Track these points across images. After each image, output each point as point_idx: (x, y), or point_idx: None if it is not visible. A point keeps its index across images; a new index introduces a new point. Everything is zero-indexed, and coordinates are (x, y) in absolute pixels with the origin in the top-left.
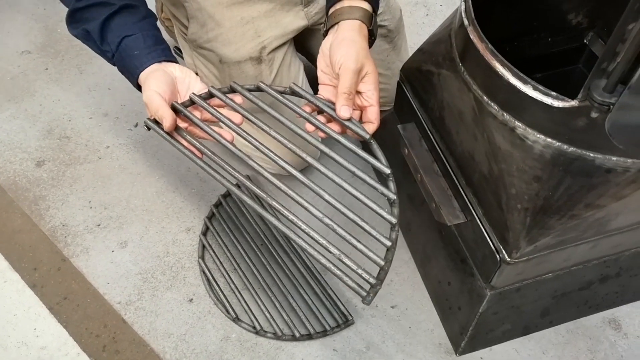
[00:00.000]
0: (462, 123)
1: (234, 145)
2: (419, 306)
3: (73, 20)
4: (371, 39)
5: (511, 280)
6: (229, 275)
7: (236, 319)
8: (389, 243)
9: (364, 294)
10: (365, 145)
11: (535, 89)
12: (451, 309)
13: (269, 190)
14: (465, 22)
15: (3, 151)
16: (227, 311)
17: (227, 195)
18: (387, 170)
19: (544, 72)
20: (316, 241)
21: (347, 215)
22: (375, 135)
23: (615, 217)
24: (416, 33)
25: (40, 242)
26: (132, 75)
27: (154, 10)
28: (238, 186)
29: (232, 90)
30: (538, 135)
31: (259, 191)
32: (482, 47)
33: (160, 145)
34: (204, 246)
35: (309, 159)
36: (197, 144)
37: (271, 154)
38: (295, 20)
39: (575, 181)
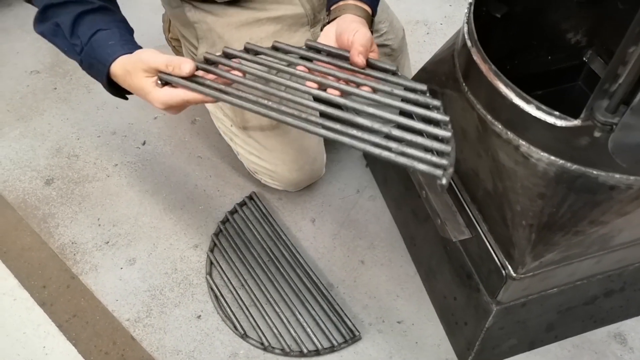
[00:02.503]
0: (466, 141)
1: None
2: (425, 321)
3: (44, 17)
4: None
5: (517, 295)
6: (236, 292)
7: (244, 336)
8: (449, 134)
9: (440, 173)
10: None
11: (538, 108)
12: (457, 324)
13: (275, 207)
14: (469, 43)
15: (12, 169)
16: (235, 327)
17: (234, 211)
18: (424, 87)
19: (544, 89)
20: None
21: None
22: None
23: (618, 232)
24: (417, 51)
25: (49, 260)
26: (103, 65)
27: (162, 31)
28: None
29: (247, 51)
30: (542, 154)
31: None
32: (486, 68)
33: (168, 163)
34: (211, 263)
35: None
36: (219, 85)
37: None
38: (302, 41)
39: (579, 198)
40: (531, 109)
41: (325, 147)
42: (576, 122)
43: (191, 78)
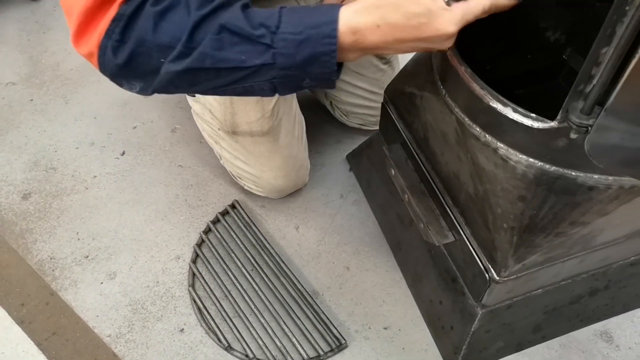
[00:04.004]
0: (446, 144)
1: None
2: (412, 326)
3: (198, 31)
4: None
5: (502, 298)
6: (219, 303)
7: (228, 348)
8: None
9: None
10: None
11: (515, 111)
12: (444, 329)
13: (258, 214)
14: None
15: None
16: (219, 340)
17: (216, 221)
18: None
19: (526, 88)
20: None
21: None
22: (362, 156)
23: (600, 232)
24: None
25: (27, 277)
26: (328, 24)
27: None
28: None
29: None
30: (520, 156)
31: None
32: (462, 71)
33: (148, 173)
34: (194, 274)
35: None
36: None
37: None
38: None
39: (559, 199)
40: (508, 112)
41: (308, 152)
42: (553, 124)
43: None
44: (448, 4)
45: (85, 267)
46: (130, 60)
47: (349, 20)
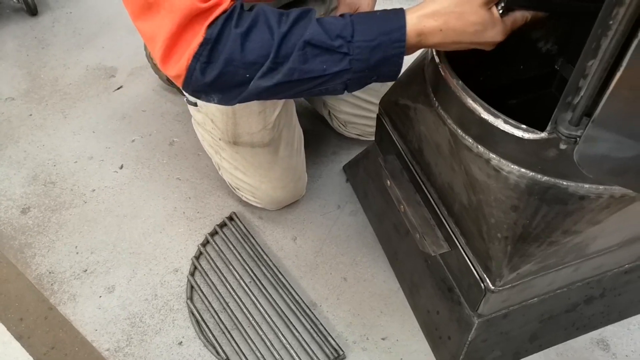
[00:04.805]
0: (440, 155)
1: None
2: (410, 337)
3: (282, 47)
4: None
5: (498, 307)
6: (218, 316)
7: None
8: None
9: None
10: None
11: (506, 122)
12: (441, 339)
13: (255, 226)
14: (436, 58)
15: None
16: (218, 353)
17: (214, 233)
18: None
19: (518, 97)
20: None
21: None
22: (359, 167)
23: (593, 241)
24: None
25: (26, 291)
26: (397, 30)
27: (137, 52)
28: None
29: None
30: (512, 166)
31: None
32: (453, 83)
33: (146, 186)
34: (192, 287)
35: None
36: None
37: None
38: None
39: (552, 209)
40: (499, 123)
41: (305, 163)
42: (543, 135)
43: None
44: (501, 15)
45: (83, 281)
46: (218, 78)
47: (415, 25)
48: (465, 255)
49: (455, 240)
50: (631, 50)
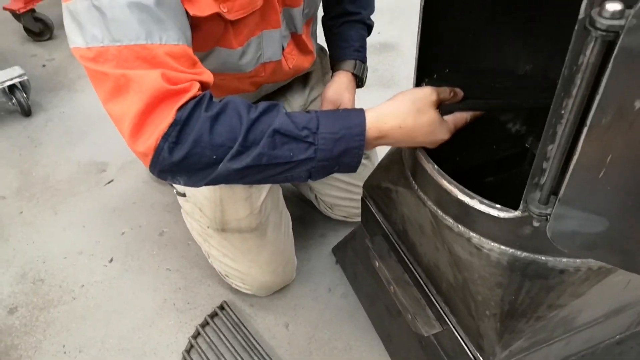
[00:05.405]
0: (424, 235)
1: None
2: None
3: (250, 132)
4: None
5: None
6: None
7: None
8: None
9: None
10: None
11: (481, 202)
12: None
13: (247, 314)
14: None
15: None
16: None
17: (205, 324)
18: None
19: (495, 175)
20: None
21: None
22: (347, 248)
23: (579, 313)
24: None
25: None
26: (358, 125)
27: None
28: None
29: None
30: (492, 244)
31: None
32: (430, 167)
33: (136, 278)
34: None
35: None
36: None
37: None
38: None
39: (534, 284)
40: (475, 204)
41: (294, 247)
42: (517, 213)
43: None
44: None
45: None
46: (185, 159)
47: (375, 122)
48: (457, 335)
49: (447, 319)
50: (583, 135)
